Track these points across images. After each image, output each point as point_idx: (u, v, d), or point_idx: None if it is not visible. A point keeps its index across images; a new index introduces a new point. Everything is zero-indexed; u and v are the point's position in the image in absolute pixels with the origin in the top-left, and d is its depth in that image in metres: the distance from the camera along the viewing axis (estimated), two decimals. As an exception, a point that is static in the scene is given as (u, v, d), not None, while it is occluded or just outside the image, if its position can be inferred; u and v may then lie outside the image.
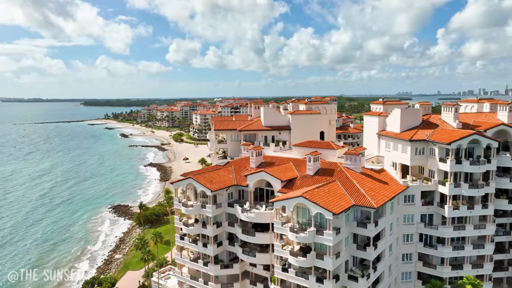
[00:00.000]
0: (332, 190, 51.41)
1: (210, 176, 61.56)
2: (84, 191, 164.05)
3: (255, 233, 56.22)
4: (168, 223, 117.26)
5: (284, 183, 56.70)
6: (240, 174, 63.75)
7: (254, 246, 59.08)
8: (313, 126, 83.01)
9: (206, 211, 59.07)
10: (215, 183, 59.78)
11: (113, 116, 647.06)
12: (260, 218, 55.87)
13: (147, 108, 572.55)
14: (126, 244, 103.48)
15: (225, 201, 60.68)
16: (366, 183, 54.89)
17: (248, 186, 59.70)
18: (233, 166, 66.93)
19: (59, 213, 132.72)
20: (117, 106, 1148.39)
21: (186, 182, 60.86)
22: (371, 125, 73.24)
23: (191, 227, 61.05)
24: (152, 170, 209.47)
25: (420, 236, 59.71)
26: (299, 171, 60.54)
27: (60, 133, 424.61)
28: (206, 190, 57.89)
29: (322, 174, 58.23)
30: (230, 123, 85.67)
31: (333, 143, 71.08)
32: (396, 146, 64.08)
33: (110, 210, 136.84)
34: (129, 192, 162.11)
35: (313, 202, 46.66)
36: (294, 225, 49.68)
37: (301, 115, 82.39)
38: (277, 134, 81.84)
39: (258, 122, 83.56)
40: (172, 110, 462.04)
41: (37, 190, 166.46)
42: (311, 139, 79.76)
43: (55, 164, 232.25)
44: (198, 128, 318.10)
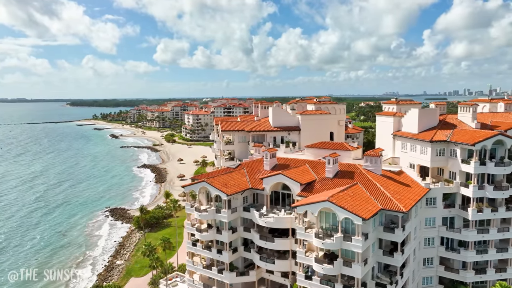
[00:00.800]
0: (357, 194, 49.32)
1: (224, 179, 58.94)
2: (78, 194, 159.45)
3: (274, 239, 53.83)
4: (168, 227, 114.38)
5: (303, 187, 54.49)
6: (254, 177, 61.29)
7: (271, 252, 56.74)
8: (323, 126, 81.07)
9: (221, 216, 56.45)
10: (230, 186, 57.21)
11: (102, 117, 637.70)
12: (279, 223, 53.52)
13: (136, 109, 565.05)
14: (126, 249, 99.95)
15: (240, 206, 58.17)
16: (389, 186, 52.98)
17: (264, 190, 57.26)
18: (246, 169, 64.44)
19: (55, 218, 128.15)
20: (104, 107, 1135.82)
21: (199, 185, 58.12)
22: (385, 125, 71.45)
23: (204, 233, 58.32)
24: (146, 171, 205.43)
25: (441, 240, 58.12)
26: (316, 174, 58.37)
27: (49, 134, 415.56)
28: (221, 194, 55.31)
29: (341, 177, 56.16)
30: (237, 123, 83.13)
31: (347, 144, 69.22)
32: (414, 147, 62.39)
33: (107, 213, 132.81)
34: (124, 194, 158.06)
35: (340, 206, 44.47)
36: (318, 231, 47.44)
37: (311, 115, 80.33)
38: (286, 135, 79.62)
39: (267, 123, 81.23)
40: (162, 111, 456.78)
41: (31, 194, 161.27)
42: (321, 140, 77.82)
43: (47, 166, 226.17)
44: (191, 129, 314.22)
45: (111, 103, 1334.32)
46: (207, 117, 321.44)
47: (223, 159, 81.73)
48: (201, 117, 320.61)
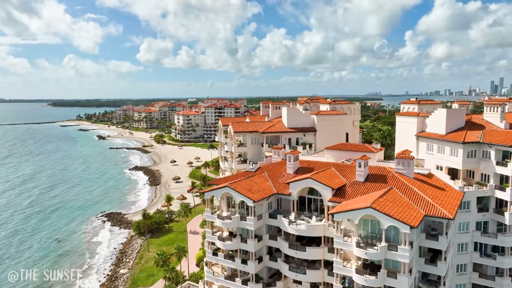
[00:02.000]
0: (396, 200, 46.41)
1: (247, 184, 55.30)
2: (72, 198, 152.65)
3: (306, 247, 50.49)
4: (170, 232, 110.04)
5: (334, 191, 51.34)
6: (277, 181, 57.85)
7: (299, 261, 53.42)
8: (339, 127, 78.24)
9: (246, 224, 52.76)
10: (255, 192, 53.61)
11: (86, 117, 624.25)
12: (311, 231, 50.18)
13: (122, 109, 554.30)
14: (129, 257, 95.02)
15: (265, 212, 54.60)
16: (426, 190, 50.25)
17: (291, 195, 53.88)
18: (267, 173, 60.95)
19: (50, 224, 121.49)
20: (87, 107, 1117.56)
21: (221, 191, 54.33)
22: (407, 126, 68.97)
23: (227, 242, 54.53)
24: (138, 174, 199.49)
25: (475, 245, 55.83)
26: (344, 177, 55.37)
27: (34, 135, 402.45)
28: (247, 200, 51.67)
29: (373, 181, 53.21)
30: (250, 124, 79.52)
31: (370, 145, 66.42)
32: (442, 149, 60.07)
33: (103, 218, 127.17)
34: (119, 198, 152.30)
35: (386, 214, 41.46)
36: (359, 240, 44.33)
37: (327, 115, 77.32)
38: (302, 136, 76.44)
39: (280, 124, 77.88)
40: (150, 111, 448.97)
41: (22, 199, 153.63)
42: (337, 141, 75.15)
43: (37, 169, 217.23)
44: (181, 129, 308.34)
45: (94, 103, 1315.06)
46: (198, 118, 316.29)
47: (235, 162, 78.00)
48: (191, 118, 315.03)
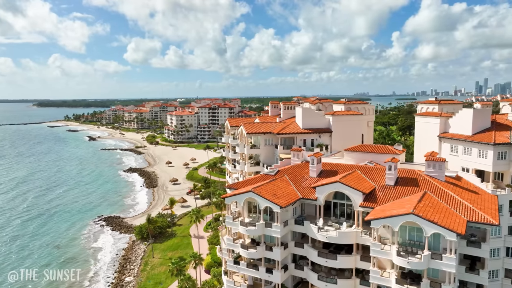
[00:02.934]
0: (435, 205, 44.00)
1: (271, 188, 52.41)
2: (67, 202, 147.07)
3: (337, 256, 47.76)
4: (173, 236, 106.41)
5: (365, 196, 48.74)
6: (300, 185, 55.07)
7: (326, 269, 50.67)
8: (355, 128, 75.81)
9: (272, 231, 49.84)
10: (280, 197, 50.73)
11: (74, 118, 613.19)
12: (343, 238, 47.49)
13: (112, 109, 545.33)
14: (133, 264, 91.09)
15: (291, 218, 51.78)
16: (461, 194, 47.99)
17: (317, 200, 51.13)
18: (287, 176, 58.11)
19: (48, 230, 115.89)
20: (74, 107, 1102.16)
21: (244, 196, 51.31)
22: (429, 126, 66.80)
23: (251, 250, 51.49)
24: (133, 175, 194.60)
25: (507, 251, 53.85)
26: (372, 181, 52.84)
27: (23, 136, 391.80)
28: (273, 206, 48.77)
29: (404, 184, 50.78)
30: (263, 125, 76.55)
31: (392, 147, 64.13)
32: (468, 150, 58.00)
33: (101, 222, 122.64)
34: (116, 201, 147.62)
35: (430, 220, 39.00)
36: (399, 248, 41.77)
37: (343, 116, 74.80)
38: (317, 137, 73.79)
39: (295, 124, 75.09)
40: (141, 111, 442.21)
41: (18, 203, 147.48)
42: (353, 142, 72.79)
43: (30, 172, 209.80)
44: (175, 130, 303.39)
45: (81, 103, 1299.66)
46: (191, 118, 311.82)
47: (248, 164, 74.96)
48: (185, 118, 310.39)
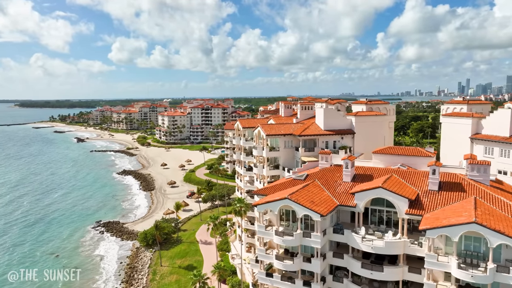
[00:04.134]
0: (491, 212, 41.09)
1: (306, 195, 48.89)
2: (63, 207, 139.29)
3: (383, 267, 44.48)
4: (179, 243, 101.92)
5: (410, 202, 45.61)
6: (335, 191, 51.71)
7: (366, 281, 47.43)
8: (378, 129, 72.98)
9: (311, 241, 46.34)
10: (318, 204, 47.25)
11: (60, 118, 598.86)
12: (390, 249, 44.19)
13: (99, 110, 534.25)
14: (140, 273, 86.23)
15: (329, 227, 48.35)
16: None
17: (357, 207, 47.85)
18: (318, 180, 54.67)
19: (48, 239, 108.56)
20: (58, 108, 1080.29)
21: (279, 204, 47.65)
22: (458, 128, 64.35)
23: (288, 261, 47.84)
24: (129, 178, 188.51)
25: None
26: (412, 186, 49.82)
27: (9, 137, 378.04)
28: (313, 214, 45.27)
29: (448, 189, 47.83)
30: (283, 127, 72.98)
31: (423, 149, 61.28)
32: (505, 152, 55.57)
33: (100, 228, 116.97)
34: (114, 205, 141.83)
35: (496, 230, 36.06)
36: (460, 260, 38.71)
37: (366, 117, 71.84)
38: (339, 139, 70.58)
39: (315, 126, 71.74)
40: (130, 112, 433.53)
41: (13, 209, 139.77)
42: (376, 143, 70.07)
43: (23, 174, 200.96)
44: (167, 131, 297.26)
45: (65, 104, 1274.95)
46: (184, 118, 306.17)
47: (267, 168, 71.26)
48: (177, 119, 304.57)
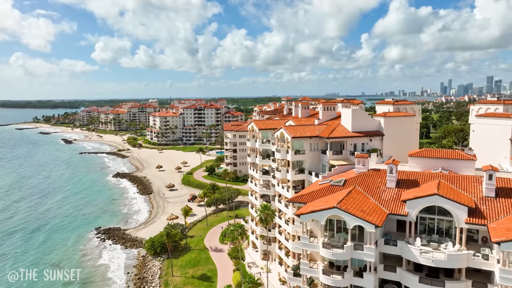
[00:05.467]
0: None
1: (354, 203, 45.06)
2: (59, 213, 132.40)
3: (445, 282, 40.90)
4: (188, 251, 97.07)
5: (469, 211, 42.21)
6: (380, 198, 47.99)
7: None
8: (407, 130, 69.70)
9: (364, 254, 42.49)
10: (369, 213, 43.45)
11: (44, 119, 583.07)
12: (454, 262, 40.62)
13: (86, 110, 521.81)
14: (151, 284, 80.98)
15: (380, 238, 44.58)
16: None
17: (408, 215, 44.24)
18: (359, 187, 50.92)
19: (49, 248, 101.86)
20: (40, 108, 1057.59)
21: (327, 213, 43.65)
22: (495, 129, 61.50)
23: (336, 276, 43.87)
24: (124, 181, 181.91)
25: None
26: (464, 192, 46.50)
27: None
28: (366, 225, 41.45)
29: (506, 196, 44.64)
30: (307, 129, 69.01)
31: (464, 152, 58.11)
32: (552, 155, 52.74)
33: (100, 235, 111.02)
34: (112, 210, 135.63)
35: None
36: (539, 275, 35.39)
37: (396, 118, 68.44)
38: (368, 141, 67.04)
39: (342, 127, 67.98)
40: (118, 112, 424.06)
41: (10, 215, 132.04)
42: (405, 146, 66.87)
43: (15, 178, 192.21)
44: (159, 132, 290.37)
45: (48, 104, 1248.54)
46: (176, 119, 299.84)
47: (292, 172, 67.22)
48: (169, 119, 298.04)
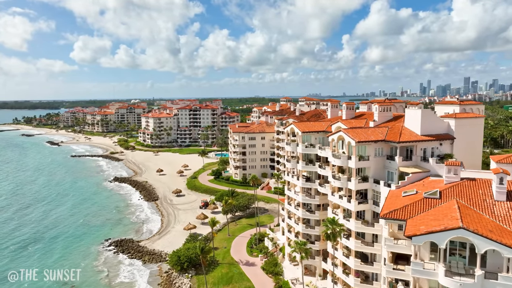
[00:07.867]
0: None
1: (475, 222, 38.16)
2: (62, 224, 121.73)
3: None
4: (217, 265, 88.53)
5: None
6: (493, 214, 41.27)
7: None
8: (476, 133, 63.42)
9: (499, 284, 35.54)
10: (500, 235, 36.60)
11: (25, 121, 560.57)
12: None
13: (70, 111, 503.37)
14: (184, 306, 72.63)
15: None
16: None
17: (537, 235, 37.63)
18: (459, 199, 44.12)
19: (56, 263, 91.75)
20: (17, 109, 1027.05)
21: (450, 234, 36.57)
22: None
23: (461, 310, 36.85)
24: (124, 186, 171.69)
25: None
26: None
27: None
28: (504, 249, 34.65)
29: None
30: (371, 132, 61.84)
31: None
32: None
33: (112, 248, 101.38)
34: (119, 219, 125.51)
35: None
36: None
37: (468, 119, 61.97)
38: (438, 145, 60.39)
39: (407, 130, 61.15)
40: (105, 113, 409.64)
41: (14, 226, 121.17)
42: (475, 150, 60.74)
43: (9, 185, 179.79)
44: (154, 133, 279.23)
45: (25, 105, 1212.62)
46: (170, 120, 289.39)
47: (356, 181, 59.94)
48: (163, 120, 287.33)
